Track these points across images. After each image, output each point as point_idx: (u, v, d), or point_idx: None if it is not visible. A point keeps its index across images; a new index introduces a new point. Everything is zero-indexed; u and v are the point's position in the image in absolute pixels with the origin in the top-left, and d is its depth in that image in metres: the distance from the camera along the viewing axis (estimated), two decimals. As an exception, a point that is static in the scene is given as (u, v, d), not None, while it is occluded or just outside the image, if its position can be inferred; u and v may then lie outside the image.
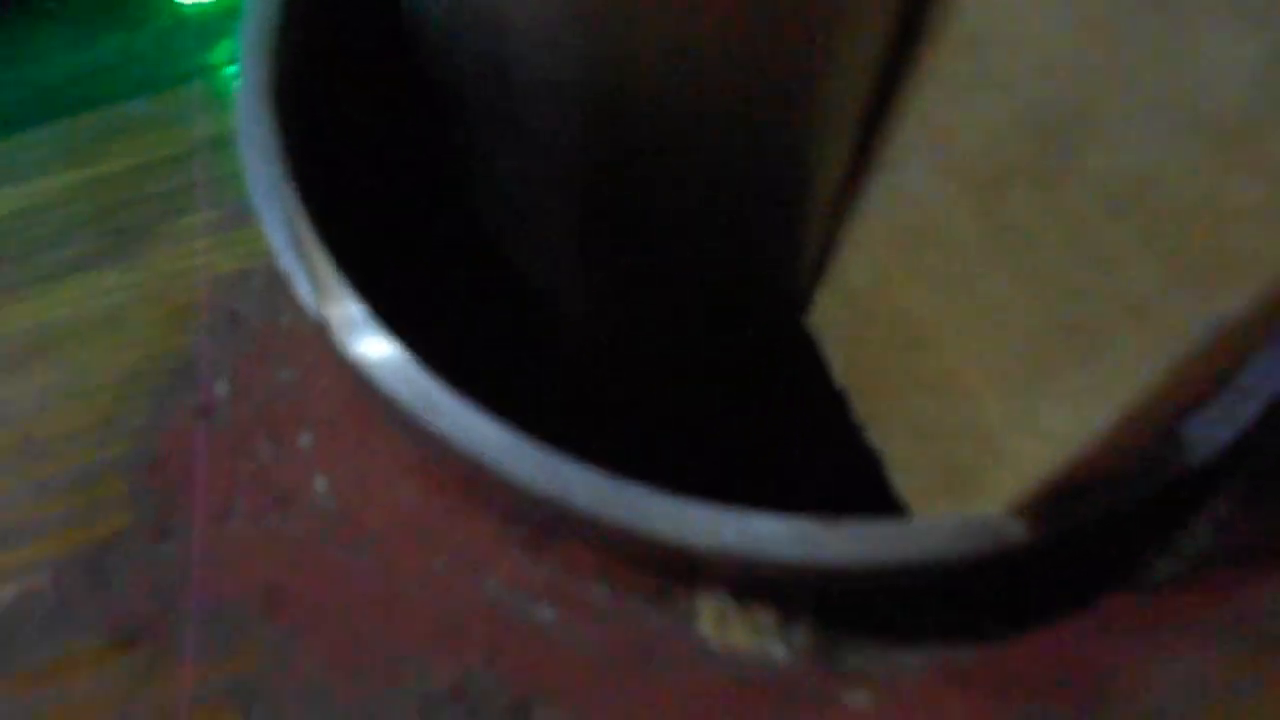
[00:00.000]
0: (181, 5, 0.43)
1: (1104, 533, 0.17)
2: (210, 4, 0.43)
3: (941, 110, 0.15)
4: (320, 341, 0.18)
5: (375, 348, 0.17)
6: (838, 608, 0.17)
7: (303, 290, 0.17)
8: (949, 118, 0.14)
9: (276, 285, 0.25)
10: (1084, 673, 0.16)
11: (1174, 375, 0.12)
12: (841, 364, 0.19)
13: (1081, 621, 0.17)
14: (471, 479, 0.18)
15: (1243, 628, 0.16)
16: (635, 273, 0.21)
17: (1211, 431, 0.17)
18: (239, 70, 0.21)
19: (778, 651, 0.17)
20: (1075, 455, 0.14)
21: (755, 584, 0.17)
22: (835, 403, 0.20)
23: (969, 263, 0.15)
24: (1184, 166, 0.11)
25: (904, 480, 0.18)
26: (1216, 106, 0.10)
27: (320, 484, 0.20)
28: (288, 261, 0.17)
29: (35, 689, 0.17)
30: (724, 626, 0.17)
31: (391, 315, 0.17)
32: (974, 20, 0.13)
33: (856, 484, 0.19)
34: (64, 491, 0.21)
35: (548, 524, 0.18)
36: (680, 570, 0.17)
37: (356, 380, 0.17)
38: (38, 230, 0.30)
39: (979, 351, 0.15)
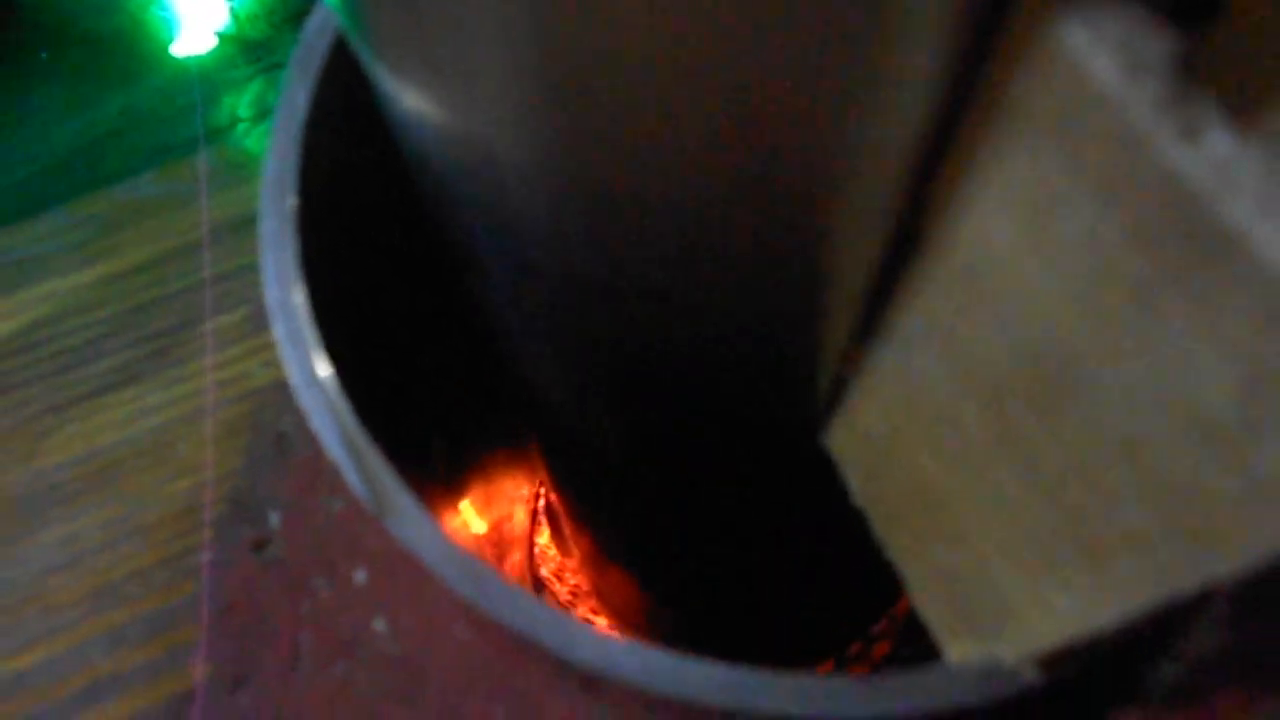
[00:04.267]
0: (178, 57, 0.44)
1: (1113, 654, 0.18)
2: (207, 55, 0.43)
3: (943, 314, 0.15)
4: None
5: (428, 537, 0.18)
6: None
7: (354, 483, 0.18)
8: (950, 323, 0.15)
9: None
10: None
11: (1178, 594, 0.13)
12: (859, 491, 0.20)
13: (1096, 738, 0.18)
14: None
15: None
16: (627, 392, 0.22)
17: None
18: (261, 210, 0.21)
19: (818, 783, 0.18)
20: (1085, 634, 0.15)
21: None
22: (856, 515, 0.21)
23: (976, 452, 0.16)
24: (1172, 443, 0.12)
25: (922, 604, 0.19)
26: (1201, 405, 0.11)
27: (380, 625, 0.21)
28: (337, 455, 0.18)
29: None
30: (767, 760, 0.19)
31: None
32: (967, 252, 0.14)
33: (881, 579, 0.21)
34: (142, 641, 0.23)
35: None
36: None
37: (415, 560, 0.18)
38: (69, 340, 0.31)
39: (989, 526, 0.16)
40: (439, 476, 0.33)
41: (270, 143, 0.21)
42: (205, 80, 0.42)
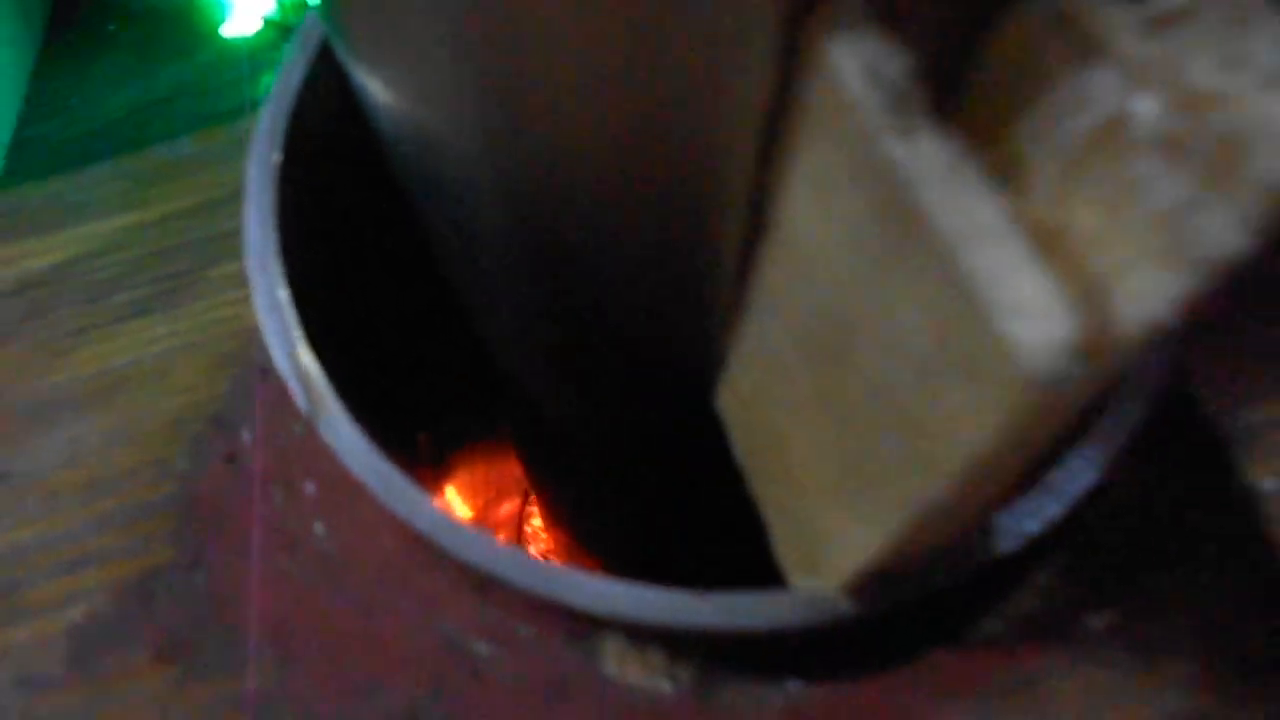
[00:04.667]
0: (226, 37, 0.48)
1: (937, 600, 0.21)
2: (252, 36, 0.47)
3: (778, 283, 0.18)
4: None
5: (350, 441, 0.21)
6: (718, 652, 0.22)
7: (296, 394, 0.22)
8: (782, 290, 0.18)
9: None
10: (895, 716, 0.20)
11: (917, 525, 0.16)
12: (739, 449, 0.23)
13: (910, 671, 0.21)
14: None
15: (1020, 690, 0.20)
16: (568, 351, 0.25)
17: (1022, 525, 0.21)
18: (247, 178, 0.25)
19: (665, 687, 0.21)
20: (870, 560, 0.18)
21: (646, 632, 0.21)
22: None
23: (804, 403, 0.19)
24: (904, 383, 0.15)
25: (777, 549, 0.22)
26: (918, 352, 0.14)
27: (319, 528, 0.25)
28: (284, 370, 0.22)
29: (97, 694, 0.23)
30: (623, 664, 0.22)
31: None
32: (788, 228, 0.17)
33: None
34: (122, 526, 0.26)
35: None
36: (589, 618, 0.22)
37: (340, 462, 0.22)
38: (100, 274, 0.35)
39: (811, 465, 0.19)
40: (426, 460, 0.37)
41: (264, 106, 0.24)
42: (248, 61, 0.46)
